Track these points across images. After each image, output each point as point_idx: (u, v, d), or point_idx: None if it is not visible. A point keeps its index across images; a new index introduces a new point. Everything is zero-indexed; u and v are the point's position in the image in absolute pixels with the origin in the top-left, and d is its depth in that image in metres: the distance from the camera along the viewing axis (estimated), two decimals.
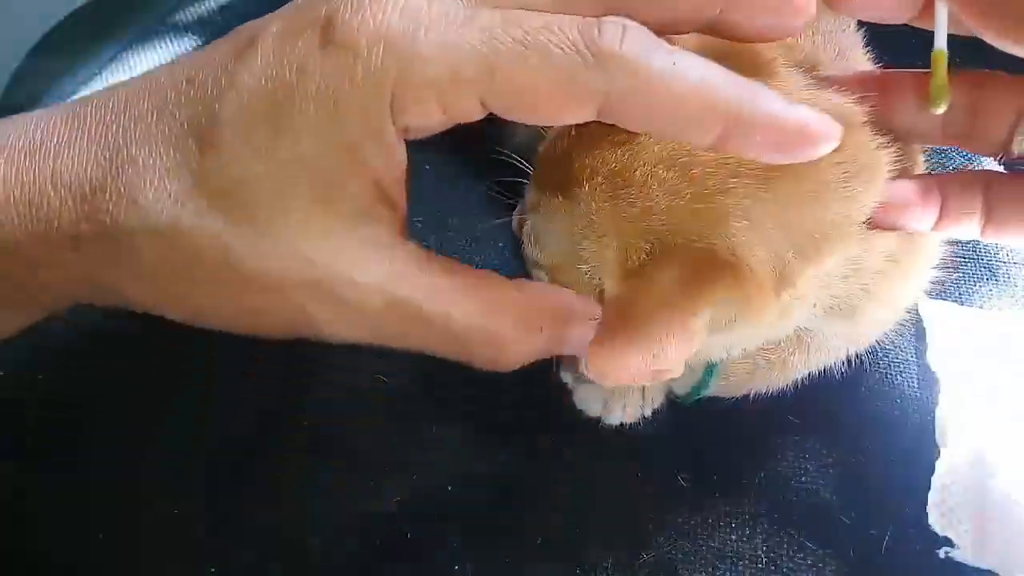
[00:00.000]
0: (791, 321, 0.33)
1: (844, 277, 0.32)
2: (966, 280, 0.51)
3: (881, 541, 0.39)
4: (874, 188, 0.30)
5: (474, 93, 0.24)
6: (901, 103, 0.30)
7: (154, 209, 0.25)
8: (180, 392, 0.43)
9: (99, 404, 0.42)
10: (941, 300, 0.49)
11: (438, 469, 0.41)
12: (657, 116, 0.25)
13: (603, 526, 0.39)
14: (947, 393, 0.44)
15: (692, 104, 0.24)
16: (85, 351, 0.44)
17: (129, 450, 0.41)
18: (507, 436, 0.42)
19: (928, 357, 0.46)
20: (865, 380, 0.45)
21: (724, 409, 0.42)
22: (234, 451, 0.41)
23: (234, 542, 0.38)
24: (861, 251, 0.31)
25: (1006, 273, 0.51)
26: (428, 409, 0.43)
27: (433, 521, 0.39)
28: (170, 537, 0.38)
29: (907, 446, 0.43)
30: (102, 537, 0.38)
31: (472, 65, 0.24)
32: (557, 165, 0.31)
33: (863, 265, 0.32)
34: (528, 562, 0.38)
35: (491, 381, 0.44)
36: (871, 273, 0.33)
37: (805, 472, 0.42)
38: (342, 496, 0.40)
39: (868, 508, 0.41)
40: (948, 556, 0.39)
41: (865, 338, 0.39)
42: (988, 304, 0.49)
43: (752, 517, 0.40)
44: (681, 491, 0.41)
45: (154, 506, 0.39)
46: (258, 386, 0.43)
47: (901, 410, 0.45)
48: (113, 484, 0.40)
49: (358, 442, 0.42)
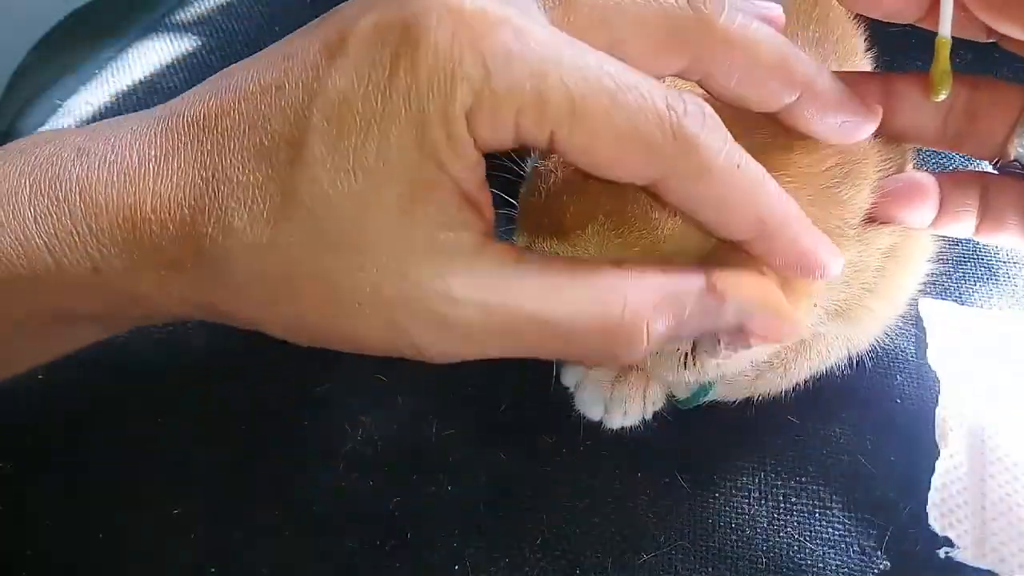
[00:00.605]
0: (806, 327, 0.33)
1: (845, 281, 0.32)
2: (966, 280, 0.51)
3: (881, 541, 0.39)
4: (865, 189, 0.30)
5: (549, 125, 0.24)
6: (900, 104, 0.30)
7: (249, 230, 0.25)
8: (180, 392, 0.43)
9: (99, 404, 0.42)
10: (941, 300, 0.49)
11: (438, 469, 0.41)
12: (705, 208, 0.26)
13: (603, 526, 0.40)
14: (947, 393, 0.44)
15: (741, 208, 0.26)
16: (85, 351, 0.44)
17: (129, 450, 0.41)
18: (507, 436, 0.42)
19: (928, 357, 0.46)
20: (865, 380, 0.45)
21: (724, 410, 0.42)
22: (234, 451, 0.41)
23: (234, 542, 0.38)
24: (859, 252, 0.31)
25: (1006, 273, 0.51)
26: (428, 409, 0.43)
27: (433, 521, 0.39)
28: (170, 537, 0.38)
29: (907, 446, 0.43)
30: (102, 537, 0.38)
31: (558, 98, 0.23)
32: (547, 210, 0.31)
33: (863, 265, 0.32)
34: (528, 562, 0.38)
35: (491, 381, 0.44)
36: (871, 272, 0.33)
37: (805, 472, 0.42)
38: (342, 496, 0.40)
39: (868, 508, 0.41)
40: (948, 556, 0.39)
41: (866, 338, 0.39)
42: (988, 304, 0.49)
43: (752, 517, 0.40)
44: (681, 491, 0.41)
45: (154, 506, 0.39)
46: (258, 386, 0.43)
47: (901, 410, 0.45)
48: (113, 484, 0.40)
49: (358, 443, 0.42)
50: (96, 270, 0.26)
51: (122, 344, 0.44)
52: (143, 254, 0.26)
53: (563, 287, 0.26)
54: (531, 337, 0.26)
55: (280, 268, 0.25)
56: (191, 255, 0.25)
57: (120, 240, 0.26)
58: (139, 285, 0.26)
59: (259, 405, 0.43)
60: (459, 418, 0.43)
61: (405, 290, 0.25)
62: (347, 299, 0.25)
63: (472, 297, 0.25)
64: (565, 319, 0.25)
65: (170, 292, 0.27)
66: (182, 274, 0.26)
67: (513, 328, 0.26)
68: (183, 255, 0.25)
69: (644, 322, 0.26)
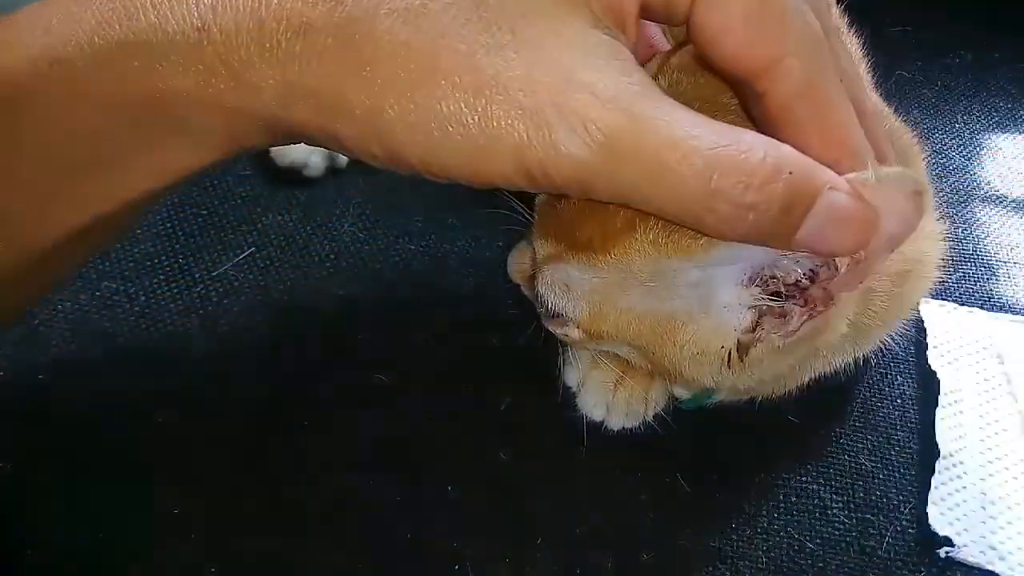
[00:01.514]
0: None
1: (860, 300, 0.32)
2: (966, 280, 0.51)
3: (881, 541, 0.39)
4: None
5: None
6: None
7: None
8: (181, 392, 0.43)
9: (99, 404, 0.42)
10: (941, 300, 0.49)
11: (438, 469, 0.41)
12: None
13: (603, 526, 0.39)
14: (947, 393, 0.44)
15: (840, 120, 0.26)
16: (85, 351, 0.44)
17: (129, 450, 0.41)
18: (507, 436, 0.42)
19: (928, 357, 0.46)
20: (865, 380, 0.45)
21: (724, 410, 0.42)
22: (234, 450, 0.41)
23: (234, 542, 0.38)
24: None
25: (1006, 273, 0.51)
26: (428, 409, 0.43)
27: (433, 521, 0.39)
28: (170, 537, 0.38)
29: (907, 446, 0.43)
30: (102, 537, 0.38)
31: None
32: (579, 224, 0.31)
33: (875, 289, 0.33)
34: (528, 562, 0.38)
35: (491, 381, 0.44)
36: (881, 295, 0.33)
37: (805, 472, 0.42)
38: (342, 496, 0.40)
39: (868, 508, 0.41)
40: (948, 556, 0.39)
41: (873, 341, 0.39)
42: (988, 304, 0.50)
43: (752, 517, 0.40)
44: (681, 491, 0.41)
45: (154, 506, 0.39)
46: (259, 386, 0.43)
47: (901, 410, 0.45)
48: (113, 484, 0.40)
49: (358, 442, 0.42)
50: (203, 28, 0.23)
51: (122, 344, 0.44)
52: (261, 10, 0.23)
53: (704, 125, 0.24)
54: (659, 165, 0.23)
55: (425, 40, 0.23)
56: (322, 21, 0.23)
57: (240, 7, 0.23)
58: (250, 64, 0.24)
59: (259, 405, 0.43)
60: (459, 418, 0.43)
61: (556, 80, 0.23)
62: (494, 89, 0.23)
63: (619, 99, 0.23)
64: (703, 153, 0.23)
65: (284, 73, 0.24)
66: (307, 39, 0.23)
67: (647, 149, 0.23)
68: (314, 19, 0.23)
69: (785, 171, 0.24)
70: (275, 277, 0.48)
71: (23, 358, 0.43)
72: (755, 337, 0.31)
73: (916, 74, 0.64)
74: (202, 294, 0.47)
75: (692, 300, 0.31)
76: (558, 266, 0.33)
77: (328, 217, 0.52)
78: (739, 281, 0.30)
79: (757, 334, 0.31)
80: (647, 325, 0.32)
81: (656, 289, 0.30)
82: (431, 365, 0.45)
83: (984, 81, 0.65)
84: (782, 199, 0.24)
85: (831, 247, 0.25)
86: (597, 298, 0.32)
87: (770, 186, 0.23)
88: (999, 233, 0.54)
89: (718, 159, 0.23)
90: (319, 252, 0.50)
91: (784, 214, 0.24)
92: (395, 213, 0.52)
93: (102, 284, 0.47)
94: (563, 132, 0.23)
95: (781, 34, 0.25)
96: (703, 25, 0.25)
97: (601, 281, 0.32)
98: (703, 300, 0.30)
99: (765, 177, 0.23)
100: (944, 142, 0.60)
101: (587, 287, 0.32)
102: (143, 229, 0.50)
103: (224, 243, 0.50)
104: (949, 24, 0.68)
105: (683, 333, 0.32)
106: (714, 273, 0.29)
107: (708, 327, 0.31)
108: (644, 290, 0.31)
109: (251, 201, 0.52)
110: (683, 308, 0.31)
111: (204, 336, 0.45)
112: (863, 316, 0.33)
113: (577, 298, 0.33)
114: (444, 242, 0.51)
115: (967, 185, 0.57)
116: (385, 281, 0.49)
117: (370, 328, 0.46)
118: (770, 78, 0.25)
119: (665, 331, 0.32)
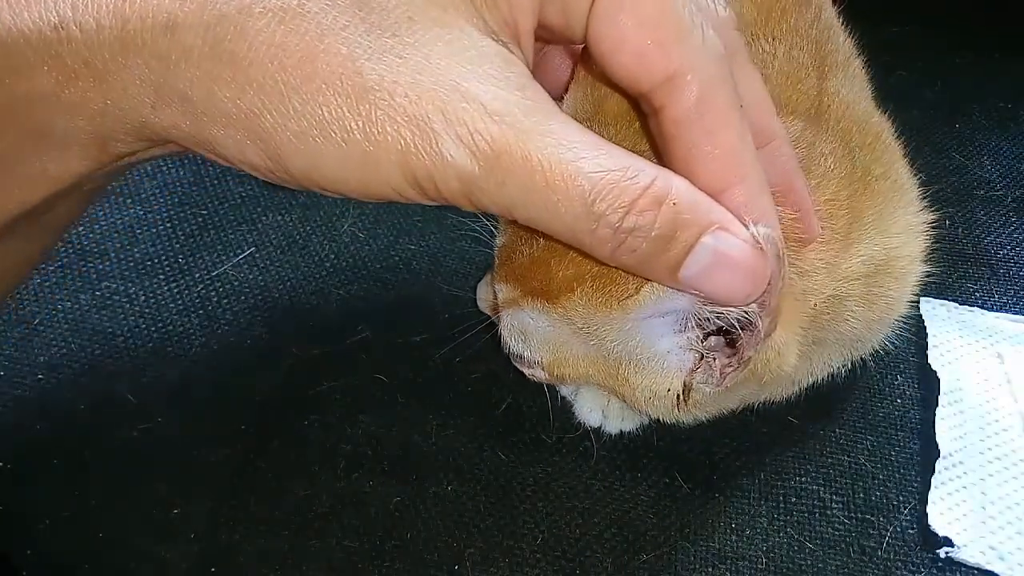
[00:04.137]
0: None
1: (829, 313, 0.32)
2: (966, 280, 0.51)
3: (881, 541, 0.39)
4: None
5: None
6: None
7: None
8: (181, 392, 0.43)
9: (99, 404, 0.42)
10: (941, 300, 0.49)
11: (438, 469, 0.41)
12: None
13: (603, 527, 0.40)
14: (947, 393, 0.44)
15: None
16: (84, 352, 0.44)
17: (129, 450, 0.41)
18: (507, 436, 0.42)
19: (928, 357, 0.46)
20: (865, 380, 0.45)
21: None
22: (234, 451, 0.41)
23: (234, 542, 0.38)
24: (835, 288, 0.31)
25: (1006, 273, 0.51)
26: (428, 409, 0.43)
27: (433, 521, 0.39)
28: (170, 537, 0.38)
29: (907, 446, 0.43)
30: (102, 537, 0.38)
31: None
32: (533, 273, 0.31)
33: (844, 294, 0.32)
34: (528, 562, 0.38)
35: (491, 381, 0.44)
36: (855, 299, 0.33)
37: (805, 472, 0.42)
38: (342, 496, 0.40)
39: (868, 508, 0.41)
40: (948, 556, 0.39)
41: (867, 343, 0.39)
42: (988, 304, 0.50)
43: (752, 517, 0.40)
44: (681, 491, 0.41)
45: (154, 506, 0.39)
46: (259, 386, 0.43)
47: (901, 410, 0.45)
48: (113, 484, 0.40)
49: (358, 443, 0.42)
50: (61, 25, 0.22)
51: (122, 344, 0.44)
52: (125, 7, 0.22)
53: (594, 147, 0.23)
54: (555, 184, 0.23)
55: (303, 42, 0.22)
56: (191, 12, 0.22)
57: None
58: (114, 63, 0.22)
59: (259, 405, 0.43)
60: (459, 418, 0.43)
61: (444, 86, 0.22)
62: (375, 96, 0.22)
63: (508, 114, 0.22)
64: (591, 175, 0.23)
65: (151, 74, 0.22)
66: (174, 38, 0.22)
67: (532, 166, 0.23)
68: (182, 13, 0.22)
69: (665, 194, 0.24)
70: (275, 277, 0.48)
71: (23, 358, 0.43)
72: (692, 380, 0.31)
73: (916, 74, 0.64)
74: (202, 294, 0.47)
75: (634, 348, 0.31)
76: (517, 312, 0.33)
77: (328, 217, 0.52)
78: (673, 328, 0.30)
79: (694, 377, 0.31)
80: (601, 370, 0.33)
81: (599, 340, 0.31)
82: (431, 365, 0.45)
83: (984, 81, 0.65)
84: (660, 228, 0.23)
85: (720, 292, 0.25)
86: (553, 345, 0.33)
87: (649, 213, 0.23)
88: (999, 233, 0.54)
89: (602, 182, 0.23)
90: (319, 252, 0.50)
91: (663, 243, 0.24)
92: (395, 213, 0.52)
93: (102, 284, 0.47)
94: (449, 141, 0.22)
95: (678, 49, 0.24)
96: (600, 38, 0.25)
97: (554, 330, 0.32)
98: (644, 347, 0.31)
99: (645, 204, 0.23)
100: (944, 142, 0.60)
101: (544, 334, 0.33)
102: (143, 229, 0.50)
103: (224, 243, 0.50)
104: (949, 24, 0.69)
105: (633, 378, 0.32)
106: (649, 322, 0.29)
107: (653, 371, 0.32)
108: (590, 340, 0.31)
109: (251, 201, 0.52)
110: (626, 356, 0.32)
111: (204, 336, 0.45)
112: (840, 325, 0.33)
113: (535, 344, 0.34)
114: (444, 242, 0.51)
115: (967, 185, 0.57)
116: (385, 281, 0.49)
117: (370, 328, 0.46)
118: (666, 92, 0.25)
119: (618, 376, 0.33)
